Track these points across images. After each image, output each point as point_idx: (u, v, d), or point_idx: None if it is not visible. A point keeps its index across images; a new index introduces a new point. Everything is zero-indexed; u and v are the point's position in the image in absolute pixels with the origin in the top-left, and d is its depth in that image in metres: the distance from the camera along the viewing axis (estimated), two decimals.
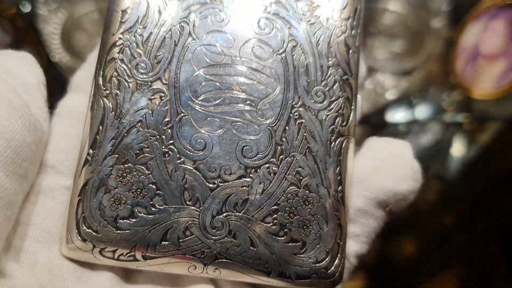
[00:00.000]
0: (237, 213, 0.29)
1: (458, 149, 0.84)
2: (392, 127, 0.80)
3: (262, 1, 0.31)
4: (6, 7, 0.60)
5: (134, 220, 0.29)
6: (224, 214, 0.29)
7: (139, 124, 0.29)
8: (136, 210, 0.29)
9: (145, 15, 0.30)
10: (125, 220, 0.29)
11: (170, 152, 0.29)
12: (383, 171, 0.31)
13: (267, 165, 0.30)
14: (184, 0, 0.30)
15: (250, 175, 0.29)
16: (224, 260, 0.29)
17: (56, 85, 0.69)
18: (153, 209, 0.29)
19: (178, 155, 0.29)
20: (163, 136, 0.29)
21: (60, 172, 0.30)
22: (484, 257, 0.89)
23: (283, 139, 0.30)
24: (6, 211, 0.26)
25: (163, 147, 0.29)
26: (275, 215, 0.29)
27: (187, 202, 0.29)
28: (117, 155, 0.29)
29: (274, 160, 0.30)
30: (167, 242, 0.29)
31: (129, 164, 0.29)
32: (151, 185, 0.29)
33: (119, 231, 0.29)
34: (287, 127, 0.30)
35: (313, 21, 0.31)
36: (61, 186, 0.30)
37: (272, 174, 0.29)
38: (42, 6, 0.68)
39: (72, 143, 0.31)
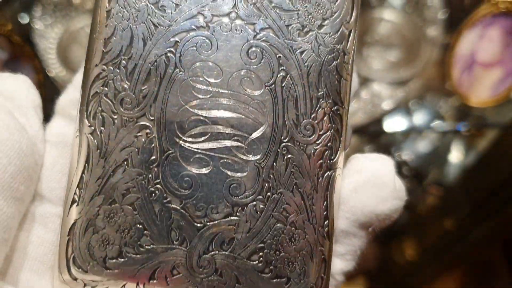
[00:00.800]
0: (224, 252, 0.28)
1: (456, 155, 0.84)
2: (390, 135, 0.80)
3: (252, 26, 0.29)
4: (1, 23, 0.60)
5: (122, 260, 0.28)
6: (211, 253, 0.28)
7: (125, 163, 0.28)
8: (125, 250, 0.28)
9: (129, 44, 0.29)
10: (113, 260, 0.28)
11: (156, 191, 0.28)
12: (364, 193, 0.30)
13: (254, 202, 0.29)
14: (170, 28, 0.29)
15: (237, 213, 0.29)
16: None
17: (53, 99, 0.69)
18: (141, 249, 0.28)
19: (164, 195, 0.28)
20: (150, 175, 0.28)
21: (50, 201, 0.30)
22: (485, 260, 0.89)
23: (271, 175, 0.29)
24: (4, 234, 0.27)
25: (150, 186, 0.28)
26: (261, 253, 0.29)
27: (174, 242, 0.28)
28: (104, 195, 0.28)
29: (261, 197, 0.29)
30: (155, 281, 0.28)
31: (116, 205, 0.28)
32: (138, 225, 0.28)
33: (108, 271, 0.28)
34: (275, 163, 0.29)
35: (304, 48, 0.29)
36: (52, 214, 0.30)
37: (259, 212, 0.29)
38: (38, 21, 0.68)
39: (60, 172, 0.31)
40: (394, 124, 0.78)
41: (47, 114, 0.32)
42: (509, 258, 0.85)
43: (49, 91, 0.65)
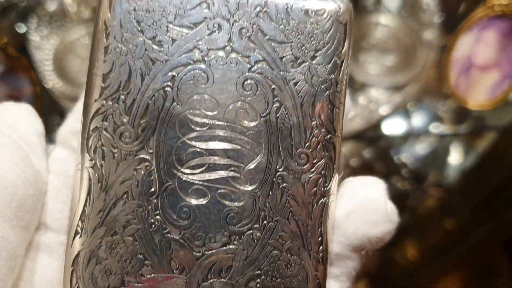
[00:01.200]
0: (222, 279, 0.30)
1: (455, 157, 0.84)
2: (388, 138, 0.80)
3: (247, 59, 0.30)
4: None
5: None
6: (210, 281, 0.29)
7: (125, 195, 0.29)
8: (127, 280, 0.29)
9: (128, 79, 0.30)
10: None
11: (156, 222, 0.29)
12: (357, 217, 0.31)
13: (251, 231, 0.30)
14: (167, 62, 0.30)
15: (234, 242, 0.30)
16: None
17: (50, 111, 0.69)
18: (142, 278, 0.29)
19: (164, 226, 0.29)
20: (150, 207, 0.29)
21: (54, 230, 0.32)
22: (486, 261, 0.90)
23: (267, 204, 0.30)
24: (11, 262, 0.28)
25: (150, 218, 0.29)
26: (258, 279, 0.30)
27: (174, 271, 0.29)
28: (105, 227, 0.29)
29: (258, 225, 0.30)
30: None
31: (117, 236, 0.29)
32: (139, 255, 0.29)
33: None
34: (270, 192, 0.30)
35: (297, 79, 0.30)
36: (56, 243, 0.32)
37: (255, 240, 0.30)
38: (34, 33, 0.68)
39: (63, 202, 0.32)
40: (392, 127, 0.78)
41: (46, 127, 0.33)
42: (510, 259, 0.86)
43: (46, 103, 0.66)
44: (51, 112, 0.70)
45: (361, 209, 0.32)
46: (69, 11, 0.70)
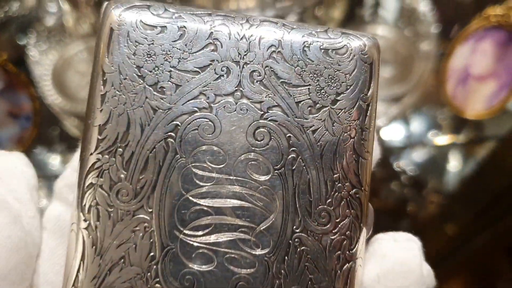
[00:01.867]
0: None
1: (454, 164, 0.86)
2: (387, 146, 0.82)
3: (259, 105, 0.27)
4: None
5: None
6: None
7: (121, 260, 0.26)
8: None
9: (126, 131, 0.26)
10: None
11: None
12: (388, 282, 0.28)
13: None
14: (170, 110, 0.26)
15: None
16: None
17: (49, 127, 0.71)
18: None
19: None
20: (149, 273, 0.26)
21: None
22: (489, 266, 0.92)
23: (282, 271, 0.26)
24: None
25: (149, 286, 0.26)
26: None
27: None
28: None
29: None
30: None
31: None
32: None
33: None
34: (286, 257, 0.26)
35: (316, 126, 0.27)
36: None
37: None
38: (33, 48, 0.69)
39: (58, 264, 0.29)
40: (391, 134, 0.79)
41: (43, 142, 0.33)
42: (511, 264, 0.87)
43: (45, 118, 0.67)
44: (50, 124, 0.72)
45: (393, 272, 0.28)
46: (67, 26, 0.71)
